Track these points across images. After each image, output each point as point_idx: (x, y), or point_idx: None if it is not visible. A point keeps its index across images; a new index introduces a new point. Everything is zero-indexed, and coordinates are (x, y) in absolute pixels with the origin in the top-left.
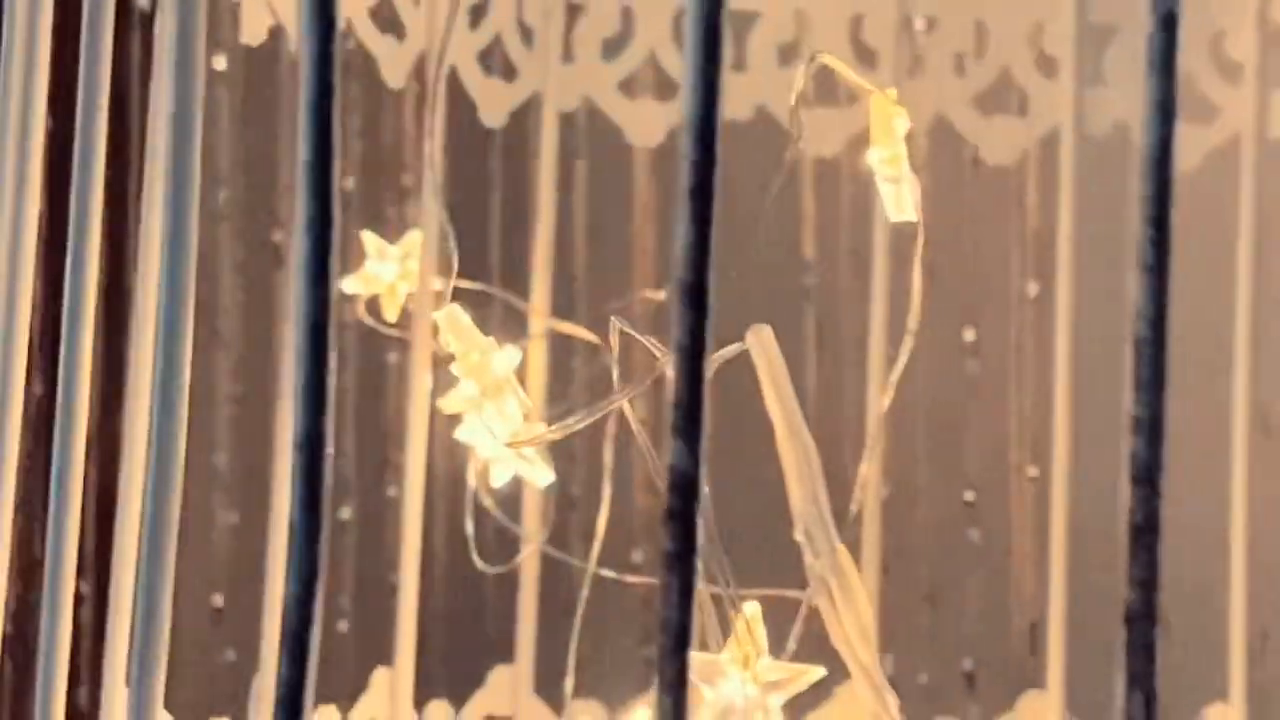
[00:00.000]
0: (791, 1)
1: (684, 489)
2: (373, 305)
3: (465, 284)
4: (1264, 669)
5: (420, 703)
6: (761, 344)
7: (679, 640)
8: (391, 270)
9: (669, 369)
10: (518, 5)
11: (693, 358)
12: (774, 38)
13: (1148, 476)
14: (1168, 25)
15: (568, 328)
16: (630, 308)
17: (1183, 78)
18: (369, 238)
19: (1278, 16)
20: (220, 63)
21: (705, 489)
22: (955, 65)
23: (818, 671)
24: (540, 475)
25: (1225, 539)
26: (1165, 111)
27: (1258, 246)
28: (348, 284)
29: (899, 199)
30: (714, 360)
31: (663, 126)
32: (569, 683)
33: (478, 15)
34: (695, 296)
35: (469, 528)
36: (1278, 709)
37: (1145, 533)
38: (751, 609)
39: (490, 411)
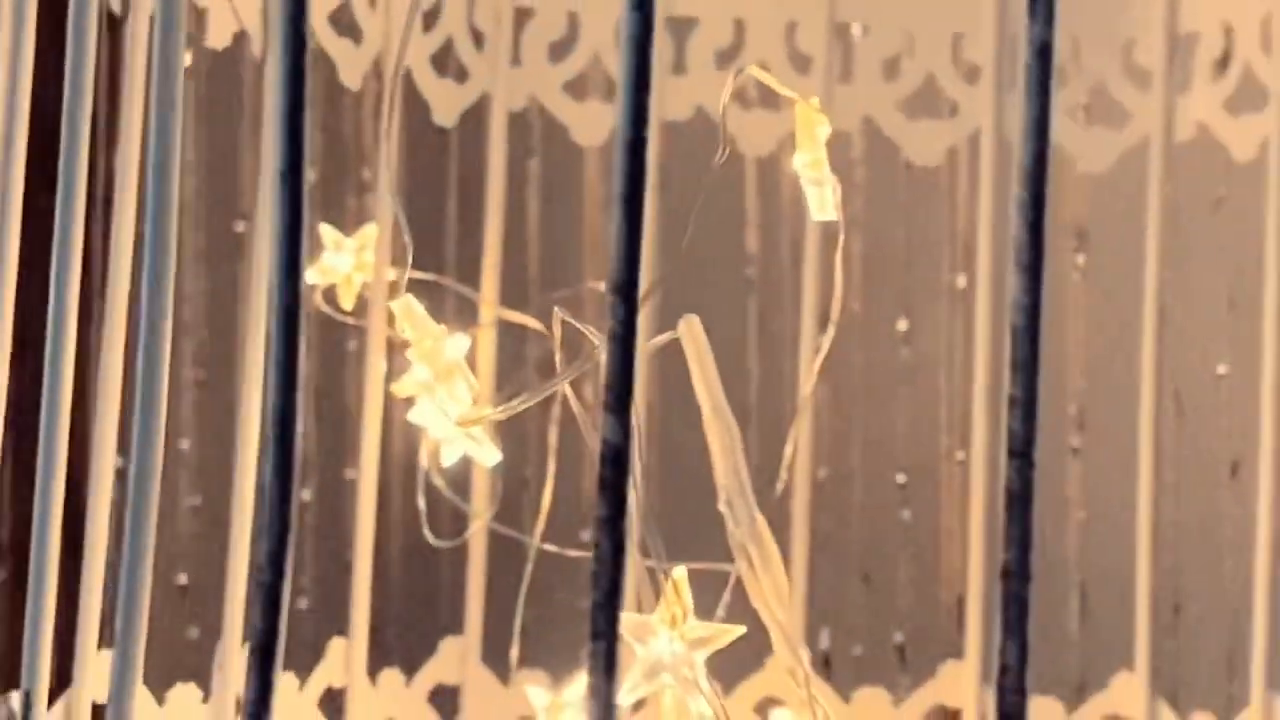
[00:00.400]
0: (730, 9)
1: (615, 460)
2: (330, 295)
3: (419, 275)
4: (1176, 640)
5: (373, 671)
6: (691, 332)
7: (610, 594)
8: (348, 261)
9: (598, 347)
10: (468, 9)
11: (624, 344)
12: (712, 43)
13: (1023, 450)
14: (1043, 54)
15: (515, 316)
16: (578, 297)
17: (1095, 84)
18: (327, 230)
19: (1183, 26)
20: (185, 59)
21: (639, 464)
22: (884, 71)
23: (738, 629)
24: (488, 455)
25: (1134, 517)
26: (1041, 130)
27: (1164, 240)
28: (307, 274)
29: (821, 200)
30: (649, 347)
31: (608, 126)
32: (515, 653)
33: (430, 19)
34: (626, 290)
35: (421, 504)
36: (1185, 677)
37: (1020, 499)
38: (679, 572)
39: (442, 395)
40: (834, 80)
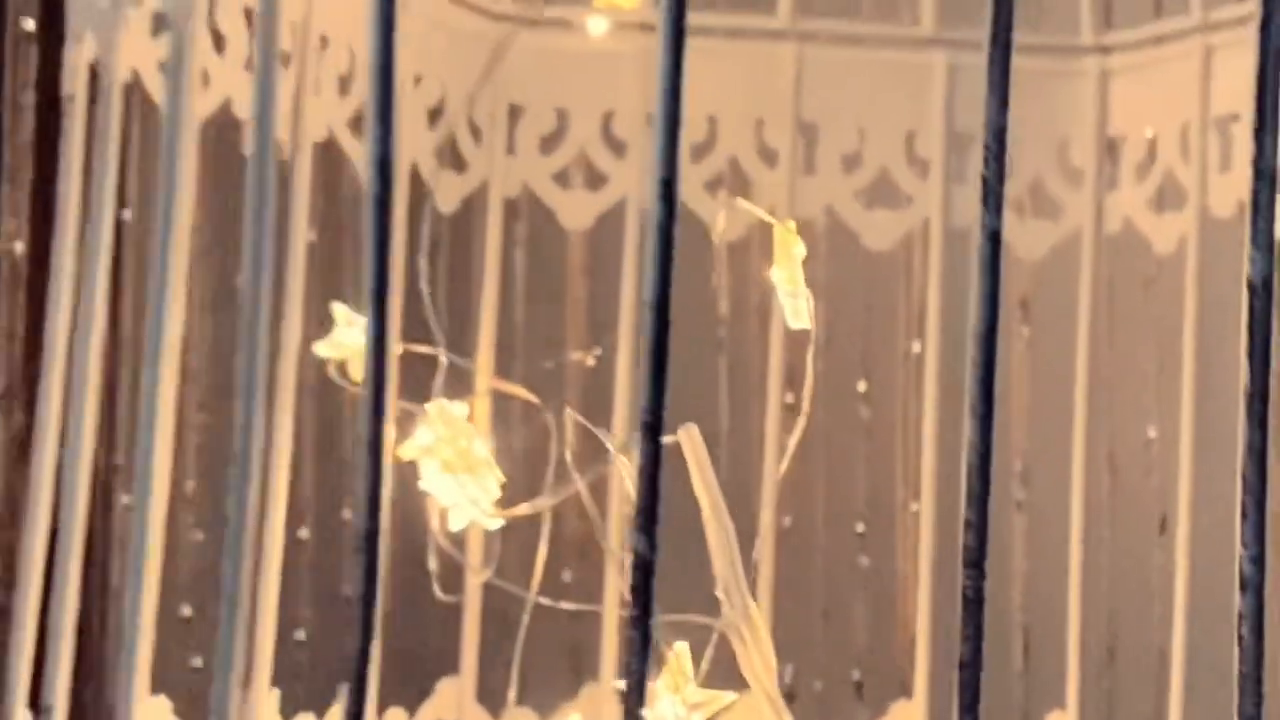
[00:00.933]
0: (704, 107)
1: (644, 570)
2: (341, 367)
3: (420, 348)
4: (1111, 680)
5: (381, 710)
6: (690, 439)
7: (640, 680)
8: (359, 336)
9: (614, 452)
10: (469, 107)
11: (650, 476)
12: (688, 137)
13: (975, 562)
14: (994, 240)
15: (508, 387)
16: (561, 366)
17: (1032, 181)
18: (338, 308)
19: (1112, 130)
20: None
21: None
22: (843, 164)
23: (730, 696)
24: (491, 521)
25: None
26: (992, 301)
27: (1096, 318)
28: (320, 348)
29: (796, 310)
30: None
31: (592, 212)
32: (512, 693)
33: (434, 116)
34: (654, 432)
35: (432, 564)
36: (1117, 715)
37: (974, 603)
38: (681, 646)
39: (472, 487)
40: (798, 172)
